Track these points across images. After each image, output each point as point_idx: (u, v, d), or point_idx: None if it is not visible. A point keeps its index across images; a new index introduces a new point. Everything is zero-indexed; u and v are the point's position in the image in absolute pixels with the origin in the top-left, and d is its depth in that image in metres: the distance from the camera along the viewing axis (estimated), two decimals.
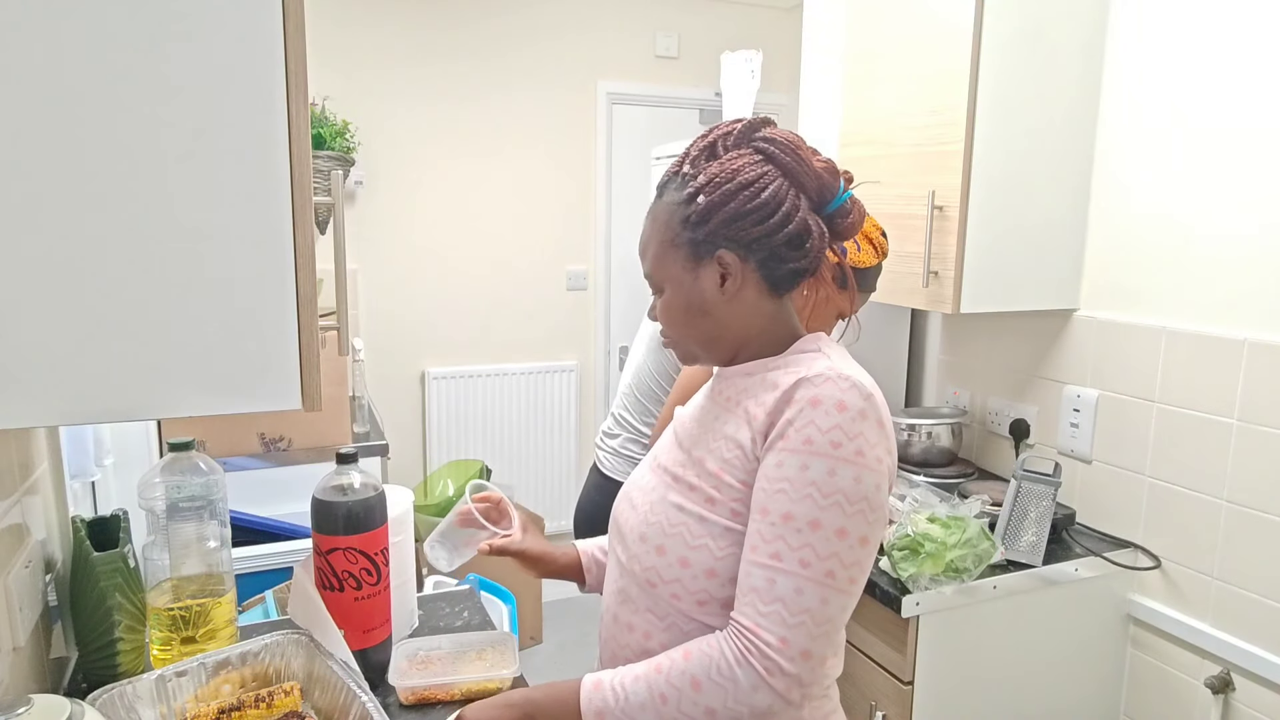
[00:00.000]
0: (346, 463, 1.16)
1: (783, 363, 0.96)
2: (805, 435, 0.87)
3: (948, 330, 2.27)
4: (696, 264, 0.96)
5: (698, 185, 0.94)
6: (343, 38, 3.27)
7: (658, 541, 0.96)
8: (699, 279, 0.96)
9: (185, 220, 0.76)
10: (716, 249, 0.94)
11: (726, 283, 0.95)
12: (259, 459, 2.36)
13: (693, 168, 0.96)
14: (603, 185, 3.74)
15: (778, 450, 0.89)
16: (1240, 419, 1.58)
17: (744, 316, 0.97)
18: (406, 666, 1.17)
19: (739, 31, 3.82)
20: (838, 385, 0.88)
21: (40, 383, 0.73)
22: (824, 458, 0.86)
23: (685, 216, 0.95)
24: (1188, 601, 1.69)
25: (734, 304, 0.96)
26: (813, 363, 0.93)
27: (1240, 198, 1.57)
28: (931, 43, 1.76)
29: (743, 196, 0.92)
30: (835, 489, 0.86)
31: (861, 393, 0.89)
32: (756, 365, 0.99)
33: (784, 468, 0.88)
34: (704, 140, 0.98)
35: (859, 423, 0.87)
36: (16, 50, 0.69)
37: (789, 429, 0.88)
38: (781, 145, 0.94)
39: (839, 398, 0.88)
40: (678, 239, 0.96)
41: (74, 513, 1.32)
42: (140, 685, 0.99)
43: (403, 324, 3.51)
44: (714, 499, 0.93)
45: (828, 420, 0.87)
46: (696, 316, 0.98)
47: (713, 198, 0.93)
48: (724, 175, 0.93)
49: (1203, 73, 1.62)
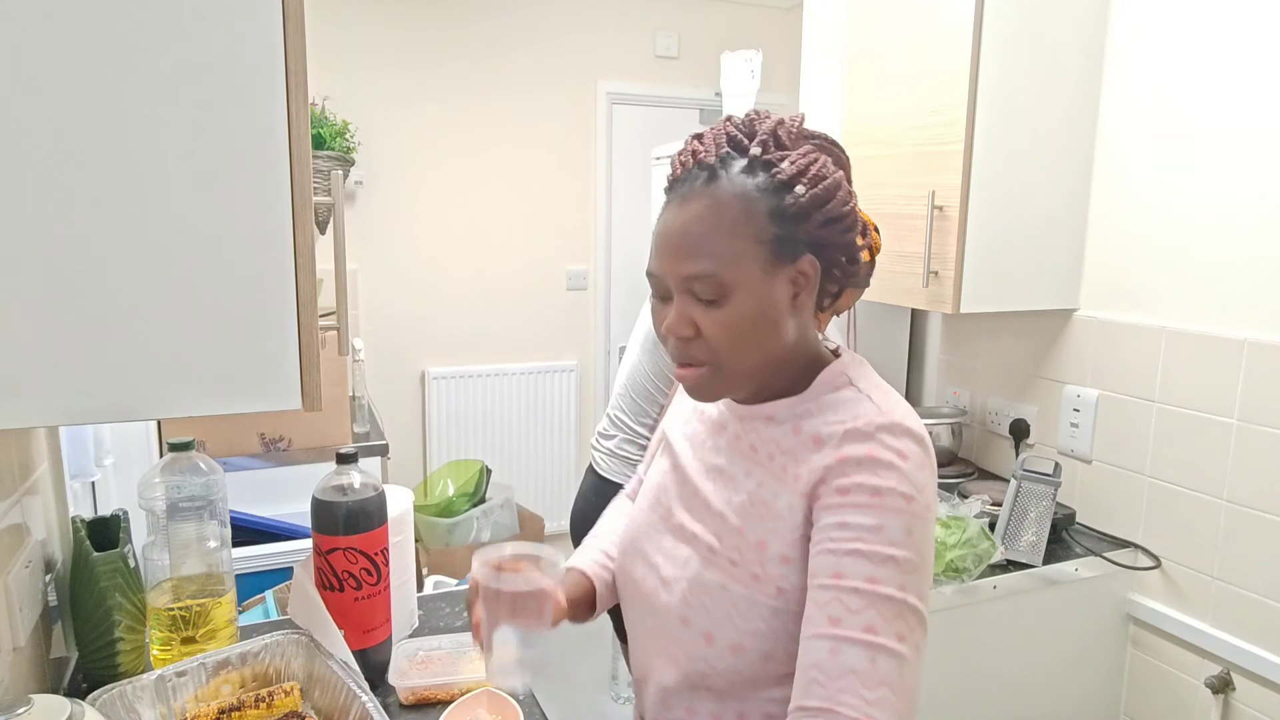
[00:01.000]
0: (346, 463, 1.16)
1: (815, 407, 0.84)
2: (872, 489, 0.76)
3: (948, 330, 2.27)
4: (776, 266, 0.80)
5: (790, 173, 0.79)
6: (343, 38, 3.27)
7: (704, 628, 0.84)
8: (774, 285, 0.80)
9: (185, 220, 0.75)
10: (805, 252, 0.80)
11: (800, 295, 0.82)
12: (259, 459, 2.36)
13: (765, 151, 0.81)
14: (603, 185, 3.75)
15: (839, 509, 0.77)
16: (1240, 419, 1.58)
17: (798, 336, 0.84)
18: (406, 666, 1.17)
19: (739, 31, 3.82)
20: (891, 434, 0.78)
21: (40, 383, 0.73)
22: (897, 514, 0.75)
23: (778, 207, 0.79)
24: (1188, 601, 1.69)
25: (797, 320, 0.83)
26: (853, 408, 0.82)
27: (1240, 198, 1.57)
28: (931, 43, 1.76)
29: (839, 196, 0.81)
30: (914, 549, 0.76)
31: (915, 438, 0.79)
32: (782, 409, 0.86)
33: (851, 528, 0.76)
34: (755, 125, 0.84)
35: (920, 473, 0.78)
36: (15, 49, 0.69)
37: (852, 487, 0.77)
38: (840, 150, 0.86)
39: (898, 447, 0.78)
40: (763, 232, 0.79)
41: (74, 513, 1.32)
42: (140, 685, 0.99)
43: (403, 324, 3.51)
44: (759, 575, 0.82)
45: (892, 473, 0.77)
46: (767, 332, 0.81)
47: (816, 191, 0.79)
48: (818, 170, 0.80)
49: (1203, 72, 1.62)
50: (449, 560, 3.00)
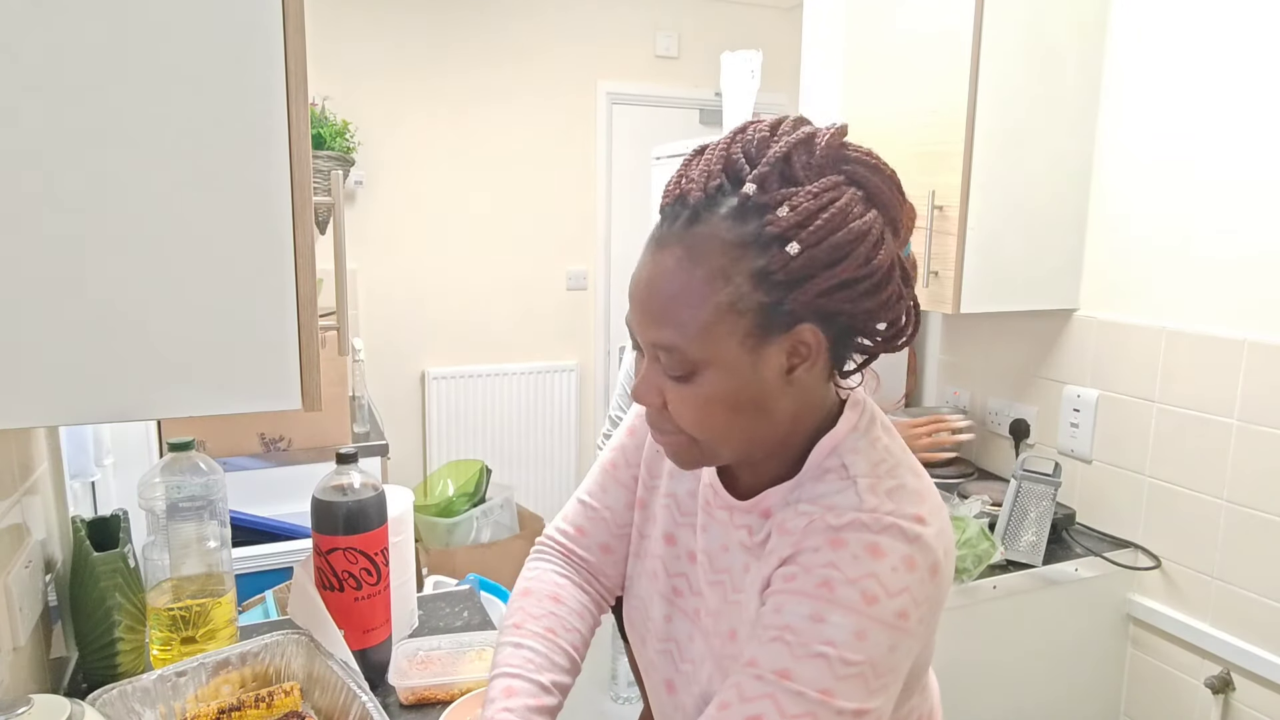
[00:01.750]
0: (346, 463, 1.16)
1: (802, 495, 0.72)
2: (822, 578, 0.65)
3: (948, 330, 2.27)
4: (764, 340, 0.65)
5: (786, 223, 0.62)
6: (343, 38, 3.27)
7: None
8: (761, 362, 0.66)
9: (185, 220, 0.75)
10: (800, 322, 0.64)
11: (798, 369, 0.67)
12: (259, 459, 2.36)
13: (763, 191, 0.64)
14: (603, 185, 3.75)
15: (778, 594, 0.67)
16: (1240, 419, 1.58)
17: (797, 411, 0.71)
18: (406, 666, 1.17)
19: (739, 31, 3.82)
20: (868, 528, 0.65)
21: (40, 383, 0.73)
22: (849, 611, 0.63)
23: (761, 269, 0.63)
24: (1188, 601, 1.69)
25: (794, 396, 0.69)
26: (834, 497, 0.69)
27: (1240, 198, 1.57)
28: (931, 43, 1.76)
29: (857, 254, 0.63)
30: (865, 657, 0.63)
31: (906, 535, 0.65)
32: (775, 501, 0.73)
33: (784, 614, 0.66)
34: (768, 145, 0.65)
35: (903, 576, 0.65)
36: (14, 48, 0.69)
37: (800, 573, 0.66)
38: (885, 177, 0.67)
39: (871, 541, 0.65)
40: (743, 300, 0.63)
41: (74, 513, 1.32)
42: (140, 685, 0.98)
43: (403, 324, 3.51)
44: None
45: (856, 567, 0.64)
46: (748, 414, 0.68)
47: (816, 251, 0.62)
48: (829, 218, 0.62)
49: (1203, 70, 1.62)
50: (449, 560, 3.00)
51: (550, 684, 0.81)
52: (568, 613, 0.88)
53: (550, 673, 0.82)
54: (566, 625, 0.87)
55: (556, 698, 0.81)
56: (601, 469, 0.94)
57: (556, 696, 0.81)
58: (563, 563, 0.94)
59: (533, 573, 0.93)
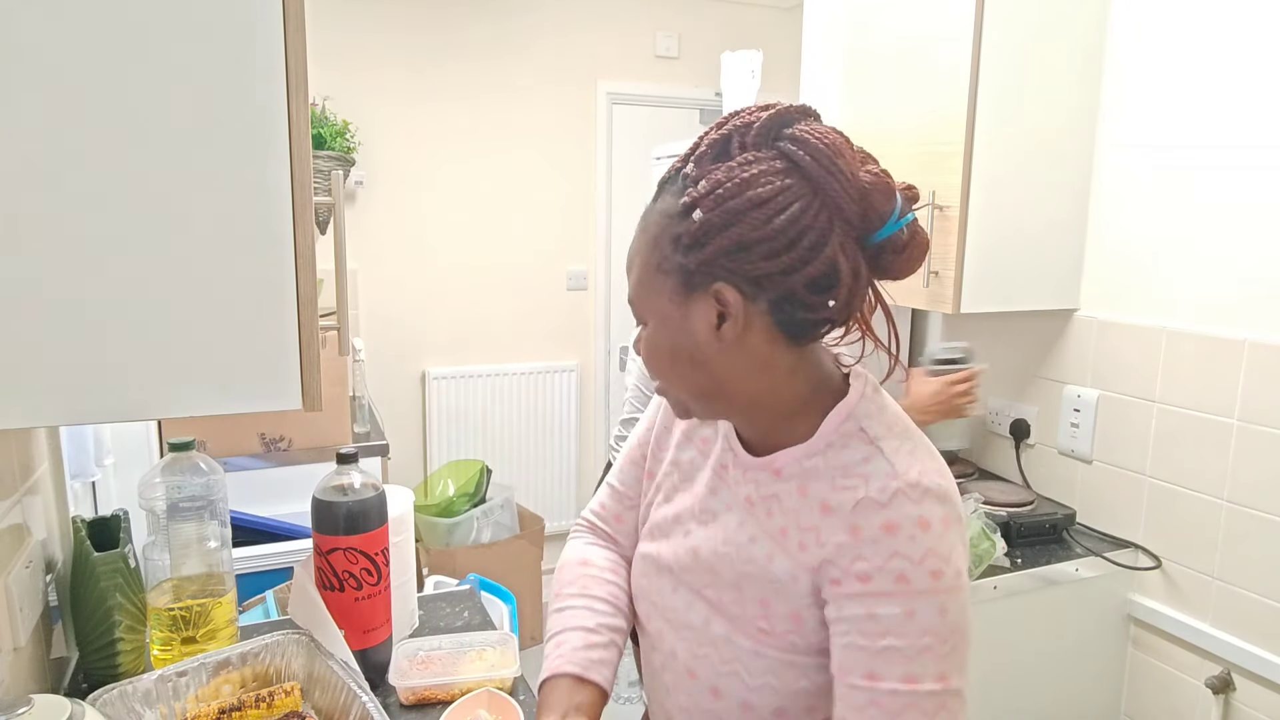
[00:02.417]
0: (346, 463, 1.16)
1: (823, 463, 0.77)
2: (896, 572, 0.70)
3: (948, 330, 2.27)
4: (687, 297, 0.74)
5: (696, 195, 0.71)
6: (343, 38, 3.27)
7: (711, 682, 0.81)
8: (689, 317, 0.74)
9: (185, 220, 0.75)
10: (714, 281, 0.72)
11: (724, 325, 0.73)
12: (259, 459, 2.36)
13: (696, 168, 0.73)
14: (603, 185, 3.75)
15: (864, 598, 0.71)
16: (1240, 419, 1.58)
17: (749, 370, 0.76)
18: (406, 666, 1.17)
19: (739, 31, 3.82)
20: (910, 498, 0.71)
21: (40, 383, 0.73)
22: (928, 595, 0.70)
23: (676, 235, 0.73)
24: (1188, 601, 1.69)
25: (735, 353, 0.75)
26: (865, 468, 0.74)
27: (1240, 198, 1.57)
28: (931, 43, 1.76)
29: (752, 219, 0.69)
30: (951, 629, 0.70)
31: (938, 496, 0.72)
32: (789, 464, 0.79)
33: (881, 620, 0.70)
34: (718, 131, 0.74)
35: (947, 536, 0.71)
36: (13, 49, 0.69)
37: (874, 572, 0.71)
38: (815, 150, 0.70)
39: (918, 514, 0.71)
40: (665, 262, 0.74)
41: (74, 513, 1.32)
42: (140, 685, 0.98)
43: (403, 324, 3.51)
44: (766, 630, 0.78)
45: (915, 548, 0.70)
46: (684, 364, 0.77)
47: (712, 215, 0.70)
48: (731, 186, 0.70)
49: (1203, 70, 1.62)
50: (449, 560, 3.00)
51: (596, 626, 0.89)
52: (597, 570, 0.96)
53: (595, 617, 0.90)
54: (599, 579, 0.95)
55: (605, 636, 0.89)
56: (626, 454, 1.02)
57: (605, 635, 0.89)
58: (590, 535, 1.04)
59: (564, 552, 1.03)
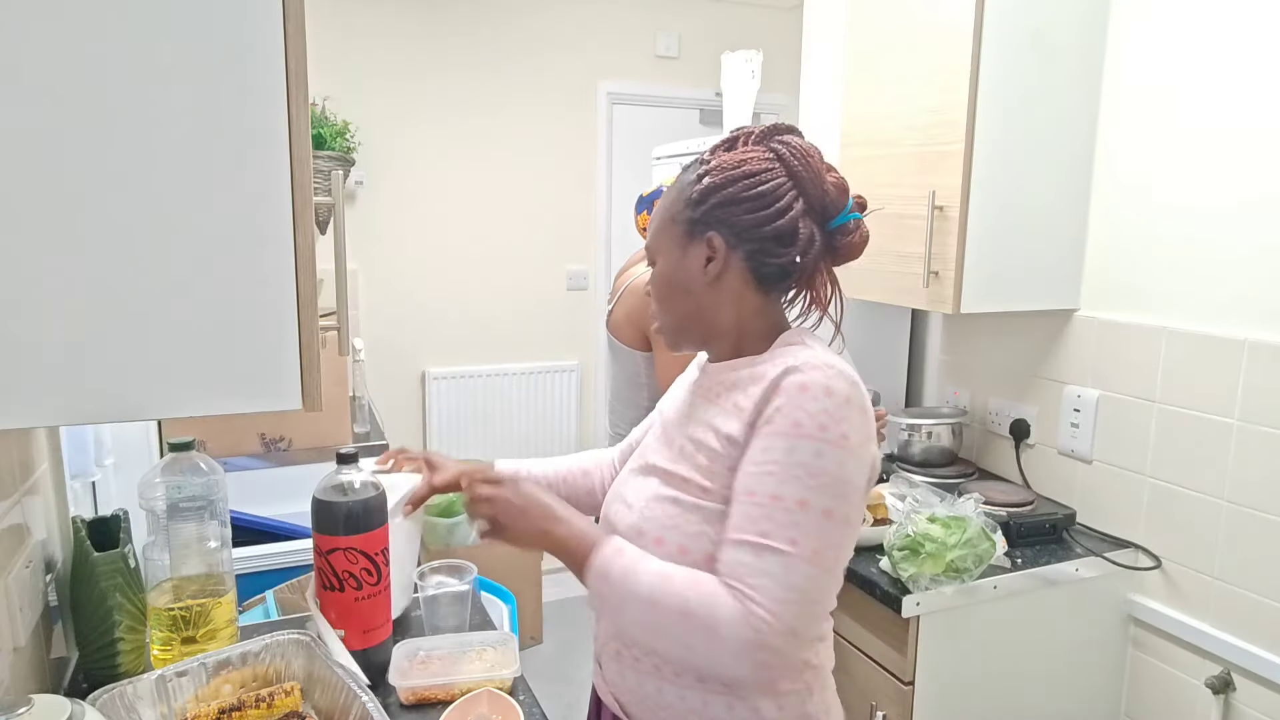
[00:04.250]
0: (346, 463, 1.16)
1: (768, 357, 0.99)
2: (793, 419, 0.90)
3: (948, 330, 2.27)
4: (688, 241, 1.01)
5: (707, 168, 1.00)
6: (343, 37, 3.27)
7: (655, 534, 0.98)
8: (686, 256, 1.01)
9: (185, 220, 0.75)
10: (709, 230, 0.99)
11: (710, 264, 0.99)
12: (259, 459, 2.36)
13: (711, 155, 1.02)
14: (603, 185, 3.74)
15: (764, 435, 0.91)
16: (1240, 419, 1.58)
17: (724, 304, 1.01)
18: (407, 666, 1.17)
19: (739, 31, 3.82)
20: (824, 372, 0.91)
21: (40, 383, 0.73)
22: (811, 440, 0.88)
23: (688, 195, 1.01)
24: (1188, 601, 1.69)
25: (716, 289, 1.01)
26: (798, 353, 0.96)
27: (1240, 197, 1.57)
28: (931, 43, 1.76)
29: (742, 184, 0.97)
30: (822, 470, 0.88)
31: (848, 379, 0.92)
32: (742, 362, 1.02)
33: (771, 451, 0.90)
34: (731, 136, 1.04)
35: (845, 408, 0.90)
36: (12, 49, 0.69)
37: (776, 415, 0.91)
38: (794, 149, 0.99)
39: (826, 383, 0.91)
40: (678, 215, 1.02)
41: (74, 513, 1.32)
42: (140, 685, 0.99)
43: (403, 324, 3.51)
44: (707, 488, 0.96)
45: (815, 405, 0.89)
46: (679, 294, 1.03)
47: (715, 179, 0.98)
48: (731, 163, 0.99)
49: (1203, 72, 1.62)
50: None
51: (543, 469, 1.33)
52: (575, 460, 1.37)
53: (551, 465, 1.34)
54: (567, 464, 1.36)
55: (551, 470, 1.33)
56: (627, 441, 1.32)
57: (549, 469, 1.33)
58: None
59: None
